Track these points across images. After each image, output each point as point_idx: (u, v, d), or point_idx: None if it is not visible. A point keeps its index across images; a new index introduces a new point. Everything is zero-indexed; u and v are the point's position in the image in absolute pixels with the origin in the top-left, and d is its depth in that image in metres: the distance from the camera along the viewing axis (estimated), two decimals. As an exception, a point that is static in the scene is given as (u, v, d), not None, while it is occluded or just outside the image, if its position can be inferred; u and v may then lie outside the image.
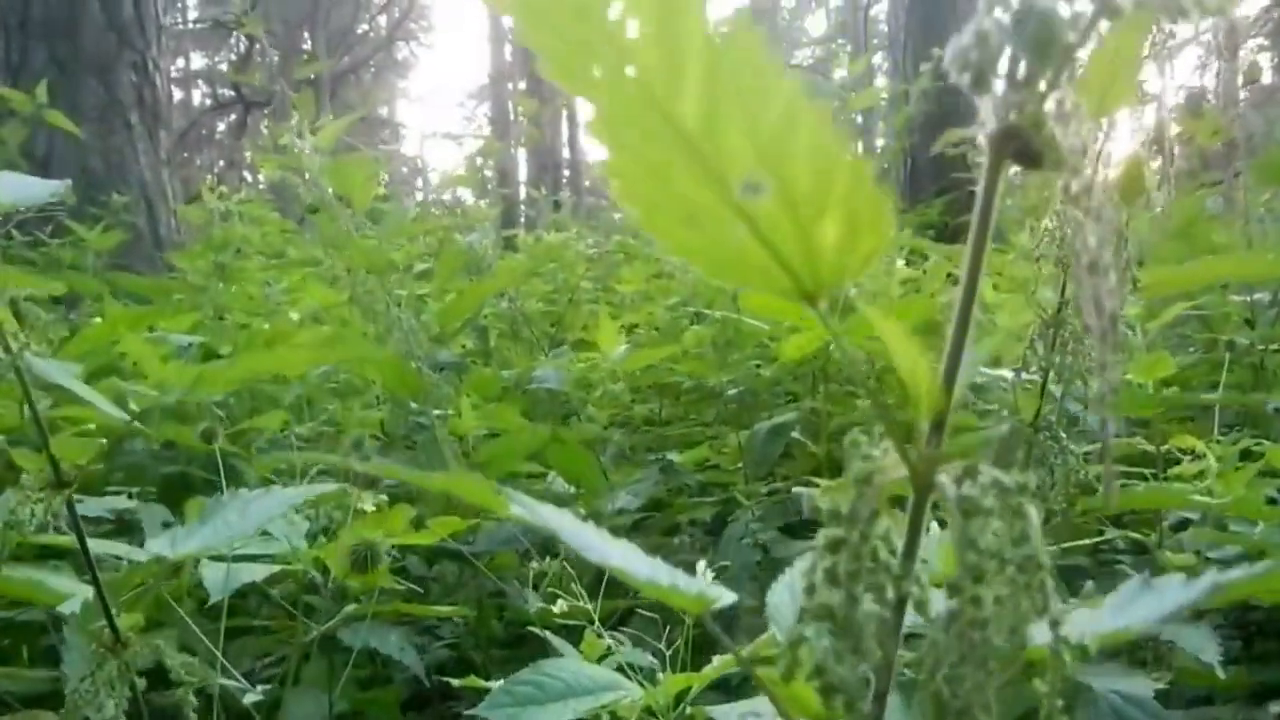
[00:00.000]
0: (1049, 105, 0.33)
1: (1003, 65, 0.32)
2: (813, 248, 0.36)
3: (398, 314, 1.33)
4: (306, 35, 24.66)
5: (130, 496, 1.15)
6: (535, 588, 1.08)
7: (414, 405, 1.38)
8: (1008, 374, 1.14)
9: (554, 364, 1.63)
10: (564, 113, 22.28)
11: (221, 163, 27.87)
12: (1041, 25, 0.31)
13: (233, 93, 25.17)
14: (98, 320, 1.52)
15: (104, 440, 1.18)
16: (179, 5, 21.94)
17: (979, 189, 0.35)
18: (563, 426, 1.58)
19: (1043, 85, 0.32)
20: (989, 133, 0.33)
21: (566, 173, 25.10)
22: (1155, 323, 1.46)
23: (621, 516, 1.45)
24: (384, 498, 1.04)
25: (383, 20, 28.88)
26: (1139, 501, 1.17)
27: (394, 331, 1.35)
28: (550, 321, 3.14)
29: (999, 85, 0.32)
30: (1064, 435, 1.14)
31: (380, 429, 1.55)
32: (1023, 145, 0.33)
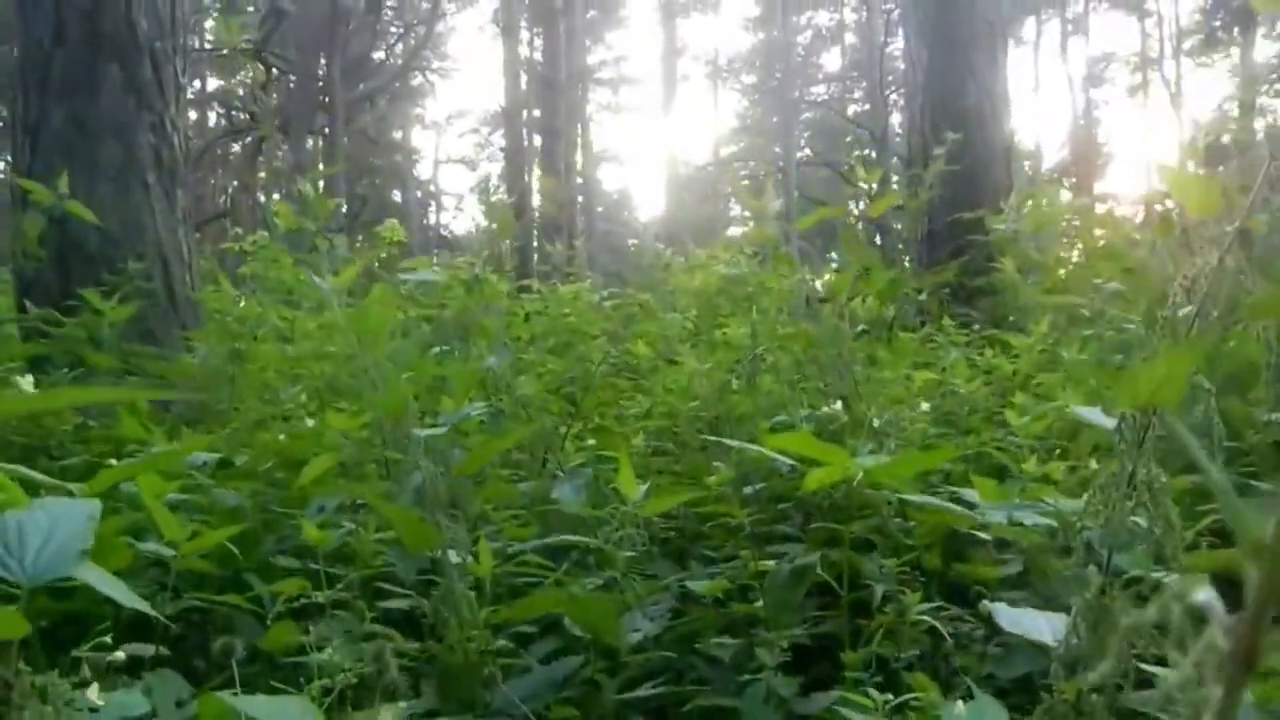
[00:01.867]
0: None
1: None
2: None
3: (419, 461, 1.30)
4: (323, 61, 24.85)
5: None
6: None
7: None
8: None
9: (574, 481, 1.60)
10: (578, 142, 22.38)
11: (235, 184, 28.09)
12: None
13: (247, 117, 25.39)
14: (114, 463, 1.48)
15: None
16: (196, 29, 22.13)
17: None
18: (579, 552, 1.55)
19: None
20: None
21: (580, 198, 25.16)
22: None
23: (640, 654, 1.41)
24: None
25: (399, 48, 29.12)
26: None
27: (412, 479, 1.32)
28: (569, 402, 3.10)
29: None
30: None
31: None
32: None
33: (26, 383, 2.11)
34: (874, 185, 4.02)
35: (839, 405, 1.44)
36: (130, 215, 3.42)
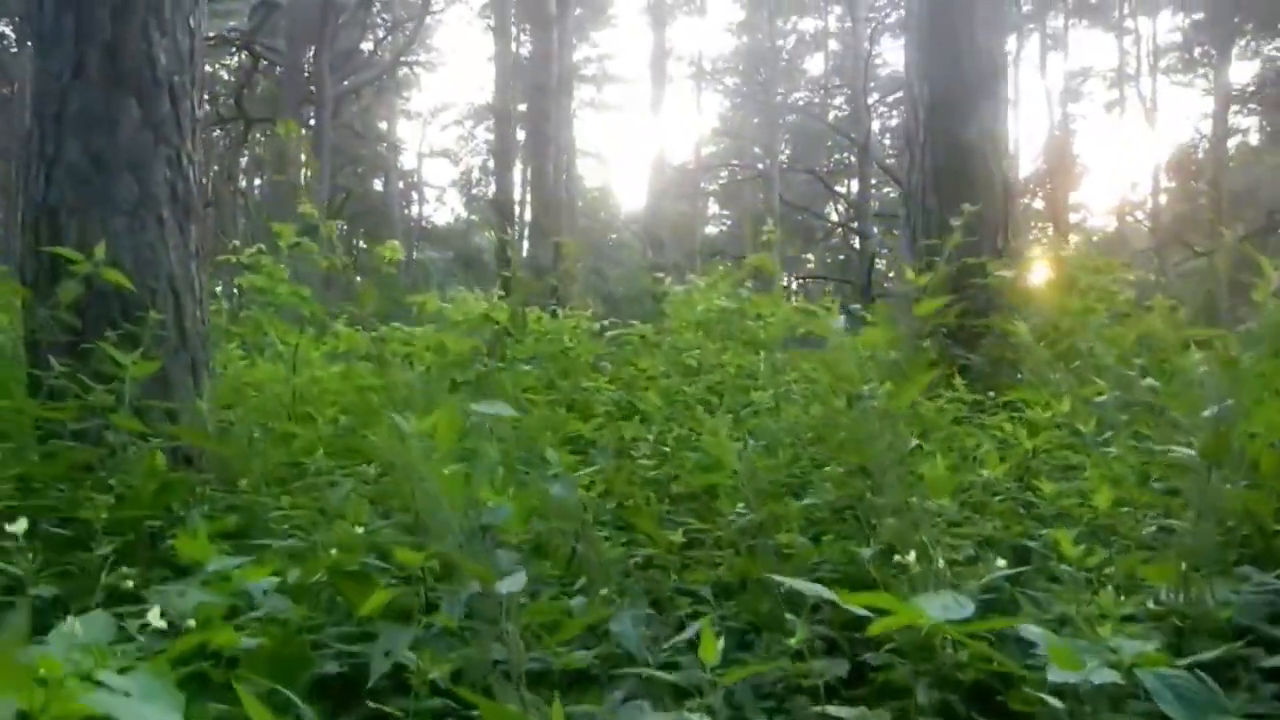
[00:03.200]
0: None
1: None
2: None
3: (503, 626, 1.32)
4: (312, 53, 24.66)
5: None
6: None
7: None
8: None
9: (632, 614, 1.61)
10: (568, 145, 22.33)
11: (215, 168, 27.84)
12: None
13: (234, 106, 25.15)
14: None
15: None
16: (183, 18, 21.89)
17: None
18: None
19: None
20: None
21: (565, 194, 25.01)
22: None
23: None
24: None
25: (388, 41, 28.95)
26: None
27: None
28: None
29: None
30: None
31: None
32: None
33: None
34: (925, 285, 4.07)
35: (911, 557, 1.47)
36: (144, 250, 3.41)
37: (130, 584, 1.68)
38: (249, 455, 2.43)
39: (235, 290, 5.17)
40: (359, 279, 4.29)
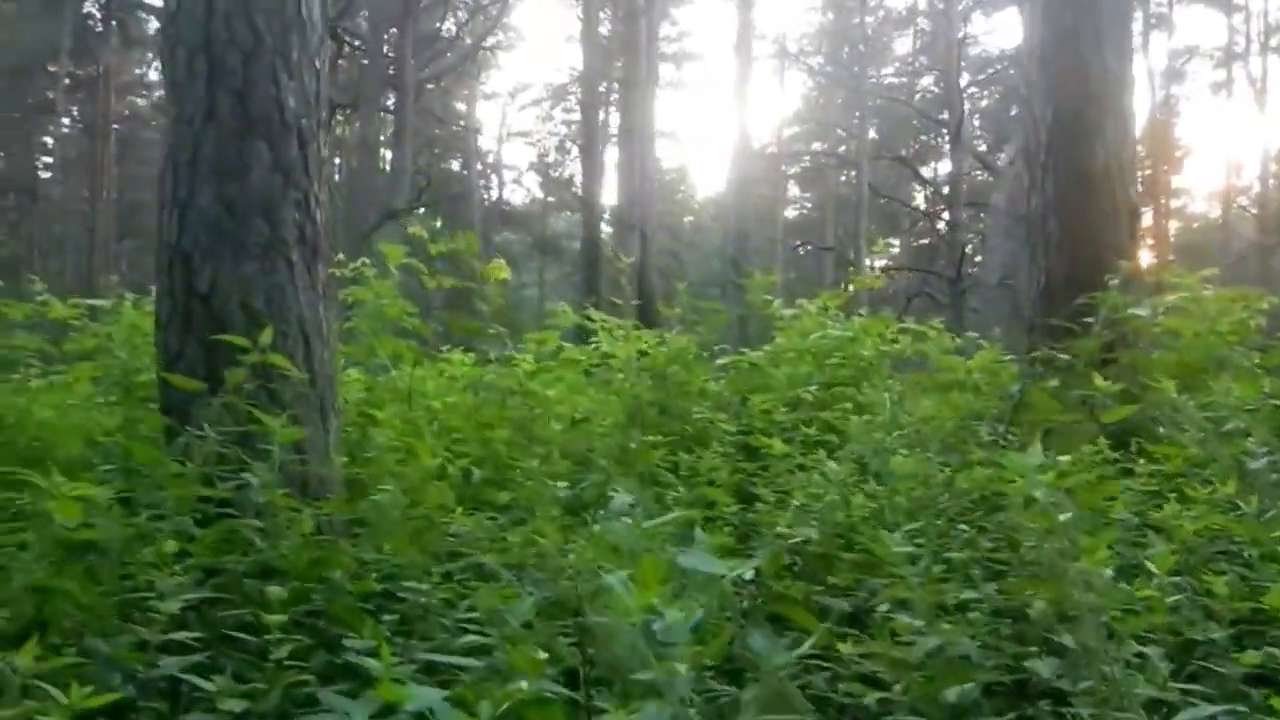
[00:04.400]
0: None
1: None
2: None
3: None
4: (394, 36, 24.90)
5: None
6: None
7: None
8: None
9: None
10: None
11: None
12: None
13: (319, 92, 25.52)
14: None
15: None
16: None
17: None
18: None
19: None
20: None
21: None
22: None
23: None
24: None
25: (468, 24, 29.07)
26: None
27: None
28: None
29: None
30: None
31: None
32: None
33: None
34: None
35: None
36: (274, 293, 3.44)
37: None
38: (394, 525, 2.43)
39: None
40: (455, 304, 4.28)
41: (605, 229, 17.77)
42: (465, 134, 34.52)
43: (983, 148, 28.17)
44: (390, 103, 26.77)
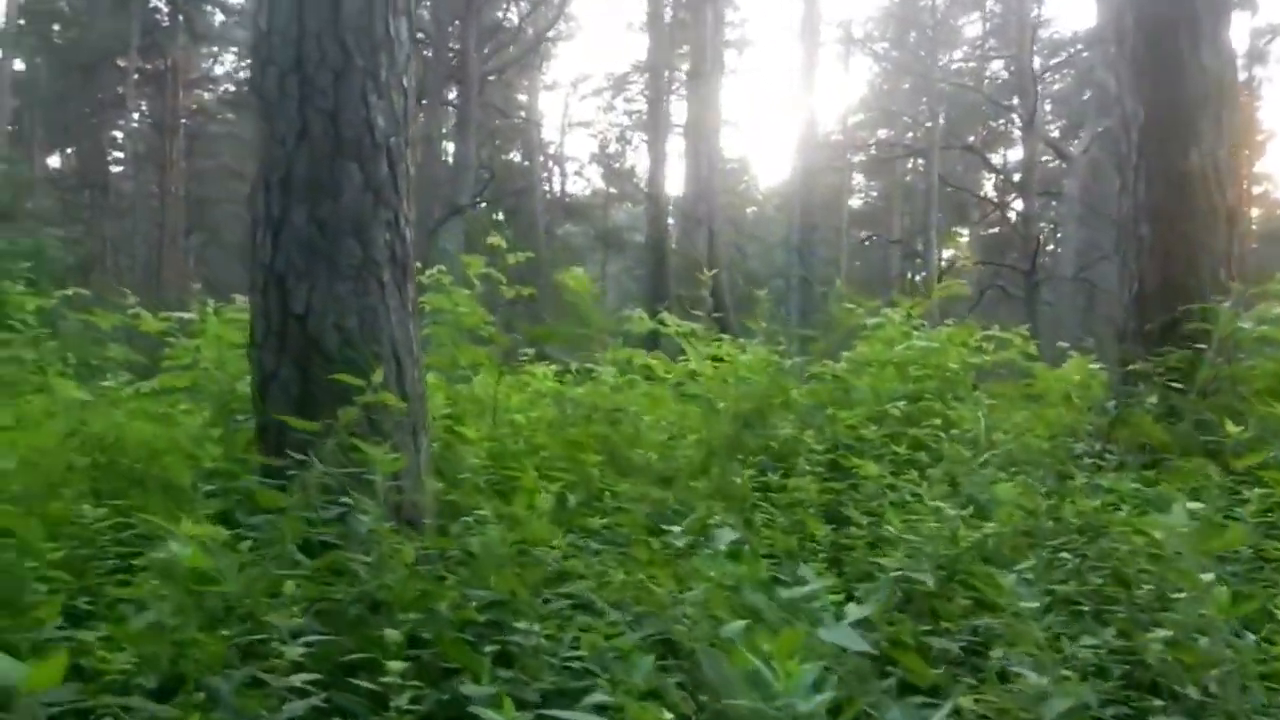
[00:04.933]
0: None
1: None
2: None
3: None
4: (457, 29, 25.04)
5: None
6: None
7: None
8: None
9: None
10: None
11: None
12: None
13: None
14: None
15: None
16: None
17: None
18: None
19: None
20: None
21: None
22: None
23: None
24: None
25: (530, 15, 29.13)
26: None
27: None
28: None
29: None
30: None
31: None
32: None
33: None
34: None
35: None
36: (366, 314, 3.47)
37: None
38: (500, 560, 2.44)
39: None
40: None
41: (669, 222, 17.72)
42: (527, 126, 34.65)
43: (1055, 133, 27.49)
44: (453, 96, 27.00)
